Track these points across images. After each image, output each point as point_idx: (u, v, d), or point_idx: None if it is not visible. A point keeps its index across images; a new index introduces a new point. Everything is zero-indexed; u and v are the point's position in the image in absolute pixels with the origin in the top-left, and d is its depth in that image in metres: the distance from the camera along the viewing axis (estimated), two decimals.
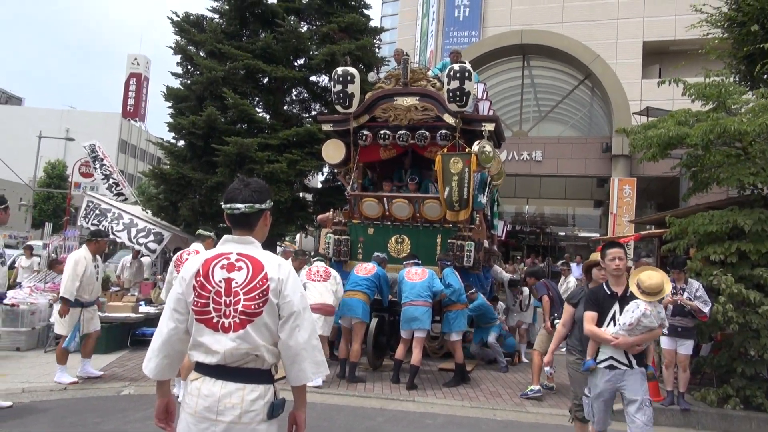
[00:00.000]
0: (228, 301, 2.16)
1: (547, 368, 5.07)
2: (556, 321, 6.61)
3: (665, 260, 8.59)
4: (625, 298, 3.89)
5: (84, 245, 6.85)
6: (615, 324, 3.86)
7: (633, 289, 3.83)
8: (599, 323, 3.93)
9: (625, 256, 3.99)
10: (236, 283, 2.18)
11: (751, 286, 6.12)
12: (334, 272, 7.43)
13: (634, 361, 3.83)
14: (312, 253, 9.95)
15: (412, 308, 6.99)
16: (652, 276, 3.80)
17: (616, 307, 3.91)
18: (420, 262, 7.71)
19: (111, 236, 13.39)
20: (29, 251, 12.83)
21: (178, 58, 14.74)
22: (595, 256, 4.54)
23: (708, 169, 7.29)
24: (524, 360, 8.99)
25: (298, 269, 8.26)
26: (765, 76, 8.58)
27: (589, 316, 3.95)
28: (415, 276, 7.24)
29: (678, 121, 7.00)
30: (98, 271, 6.79)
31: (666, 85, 7.90)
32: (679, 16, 20.74)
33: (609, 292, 3.97)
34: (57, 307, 8.24)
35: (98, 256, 6.88)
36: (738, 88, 7.29)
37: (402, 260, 8.12)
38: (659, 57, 22.96)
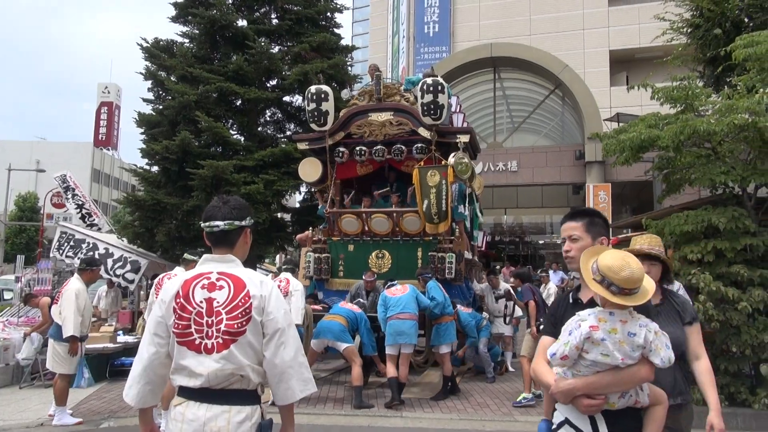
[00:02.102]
0: (210, 322, 2.12)
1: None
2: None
3: None
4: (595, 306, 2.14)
5: (76, 275, 6.44)
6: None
7: (586, 277, 2.08)
8: None
9: (586, 234, 2.32)
10: (218, 302, 2.14)
11: (728, 284, 6.21)
12: (294, 286, 7.23)
13: None
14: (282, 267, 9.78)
15: (398, 322, 6.88)
16: (627, 263, 1.98)
17: None
18: (395, 282, 7.57)
19: None
20: None
21: (149, 84, 14.65)
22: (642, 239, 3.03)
23: (680, 171, 7.42)
24: (510, 369, 8.97)
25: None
26: (729, 78, 8.82)
27: (542, 345, 2.28)
28: (398, 291, 7.18)
29: (648, 125, 7.13)
30: (93, 302, 6.53)
31: (634, 90, 8.08)
32: (643, 25, 21.28)
33: (572, 301, 2.33)
34: (30, 342, 8.03)
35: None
36: (704, 90, 7.47)
37: (384, 275, 8.10)
38: (626, 65, 23.47)
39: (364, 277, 8.07)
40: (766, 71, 6.75)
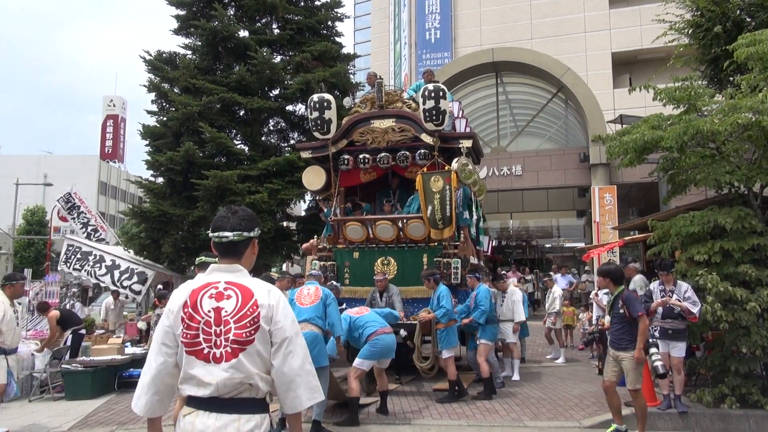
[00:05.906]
0: (218, 331, 2.12)
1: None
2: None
3: (651, 264, 8.67)
4: None
5: None
6: None
7: None
8: None
9: None
10: (226, 311, 2.15)
11: (736, 284, 6.17)
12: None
13: None
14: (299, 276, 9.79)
15: (388, 337, 6.47)
16: None
17: None
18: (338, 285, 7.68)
19: (94, 281, 13.22)
20: None
21: (152, 96, 14.76)
22: None
23: (684, 171, 7.39)
24: (516, 378, 8.71)
25: (283, 290, 8.05)
26: (731, 77, 8.80)
27: None
28: (363, 310, 6.82)
29: (651, 126, 7.11)
30: (17, 316, 6.35)
31: (637, 92, 8.06)
32: (644, 26, 21.30)
33: None
34: (42, 356, 8.07)
35: (16, 302, 6.48)
36: (707, 90, 7.45)
37: (390, 282, 8.13)
38: (628, 66, 23.47)
39: (375, 278, 8.12)
40: None
